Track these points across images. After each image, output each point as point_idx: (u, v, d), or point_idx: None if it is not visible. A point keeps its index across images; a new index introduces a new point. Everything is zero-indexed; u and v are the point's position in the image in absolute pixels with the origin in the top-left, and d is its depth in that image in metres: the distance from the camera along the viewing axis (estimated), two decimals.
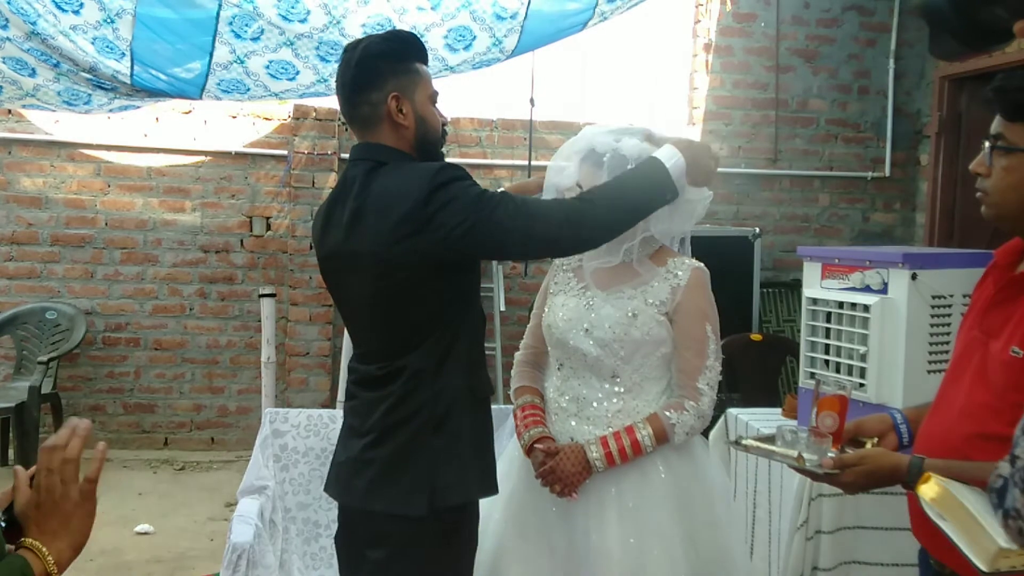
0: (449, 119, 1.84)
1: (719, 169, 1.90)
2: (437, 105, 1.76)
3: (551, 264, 2.09)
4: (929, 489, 1.19)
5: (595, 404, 1.91)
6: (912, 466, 1.40)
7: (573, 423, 1.92)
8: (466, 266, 1.70)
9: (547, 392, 2.02)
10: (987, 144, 1.44)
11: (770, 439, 1.65)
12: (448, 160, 1.80)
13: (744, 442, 1.67)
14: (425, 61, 1.76)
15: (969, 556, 1.08)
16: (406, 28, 3.07)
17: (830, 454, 1.53)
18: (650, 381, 1.92)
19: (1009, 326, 1.41)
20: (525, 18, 3.10)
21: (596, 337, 1.89)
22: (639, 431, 1.86)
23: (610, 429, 1.88)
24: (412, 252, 1.60)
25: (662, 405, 1.89)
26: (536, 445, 1.90)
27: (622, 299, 1.90)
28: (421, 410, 1.66)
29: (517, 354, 2.10)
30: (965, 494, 1.13)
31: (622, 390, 1.90)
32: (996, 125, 1.43)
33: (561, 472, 1.84)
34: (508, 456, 2.02)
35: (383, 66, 1.68)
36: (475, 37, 3.14)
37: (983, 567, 1.05)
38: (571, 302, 1.96)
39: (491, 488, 1.75)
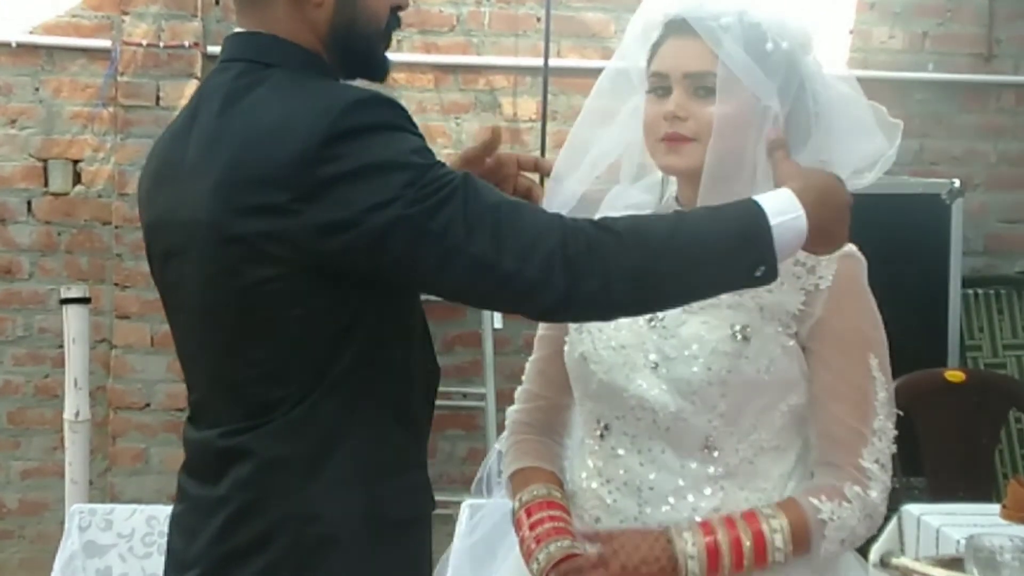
0: (408, 2, 1.83)
1: (884, 72, 1.93)
2: None
3: None
4: None
5: (672, 499, 1.92)
6: None
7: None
8: (378, 284, 1.71)
9: (575, 477, 2.04)
10: None
11: (954, 562, 1.68)
12: (410, 56, 1.84)
13: (897, 562, 1.72)
14: None
15: None
16: None
17: None
18: (769, 456, 1.94)
19: None
20: None
21: (674, 378, 1.90)
22: (766, 521, 1.86)
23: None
24: (276, 240, 1.61)
25: (805, 489, 1.91)
26: (564, 566, 1.91)
27: (719, 309, 1.91)
28: (275, 536, 1.68)
29: (511, 411, 2.13)
30: None
31: (721, 472, 1.92)
32: None
33: (626, 569, 1.84)
34: None
35: None
36: None
37: None
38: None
39: None
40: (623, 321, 1.94)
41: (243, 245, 1.64)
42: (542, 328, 2.12)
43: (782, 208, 1.69)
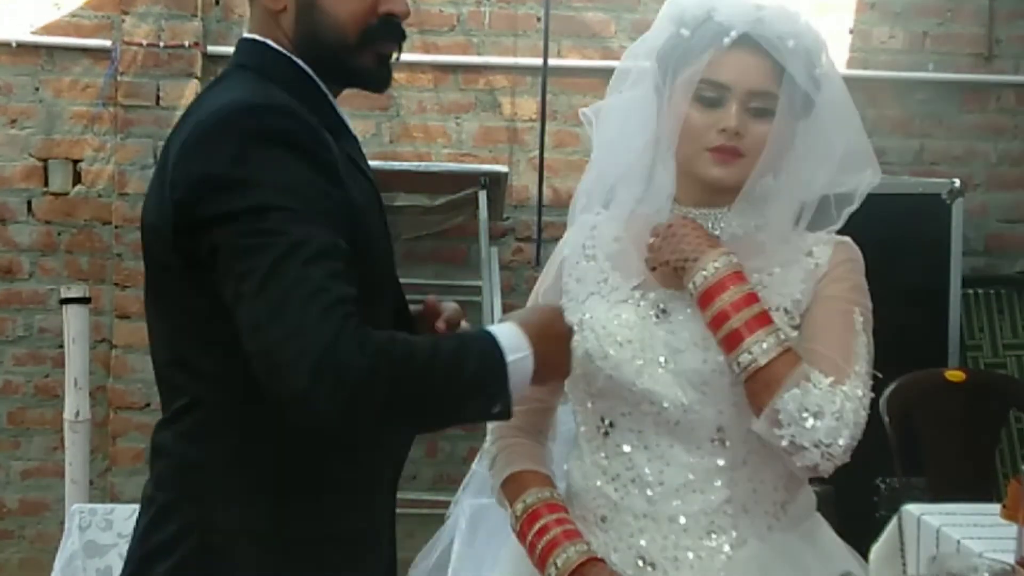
0: (405, 8, 1.79)
1: (884, 72, 1.94)
2: None
3: (561, 244, 2.13)
4: None
5: (681, 493, 1.93)
6: None
7: (644, 539, 1.94)
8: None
9: (574, 482, 2.04)
10: None
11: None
12: (410, 56, 1.81)
13: None
14: None
15: None
16: None
17: None
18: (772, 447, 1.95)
19: None
20: None
21: (684, 370, 1.92)
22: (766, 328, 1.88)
23: (713, 536, 1.92)
24: (178, 233, 1.63)
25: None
26: (584, 570, 1.91)
27: None
28: (181, 541, 1.68)
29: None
30: None
31: (728, 464, 1.94)
32: None
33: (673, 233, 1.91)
34: None
35: None
36: None
37: None
38: (622, 313, 1.98)
39: None
40: (630, 318, 1.97)
41: (157, 234, 1.66)
42: None
43: (515, 346, 1.67)
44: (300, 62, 1.74)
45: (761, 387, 1.84)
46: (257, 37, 1.75)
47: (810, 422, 1.83)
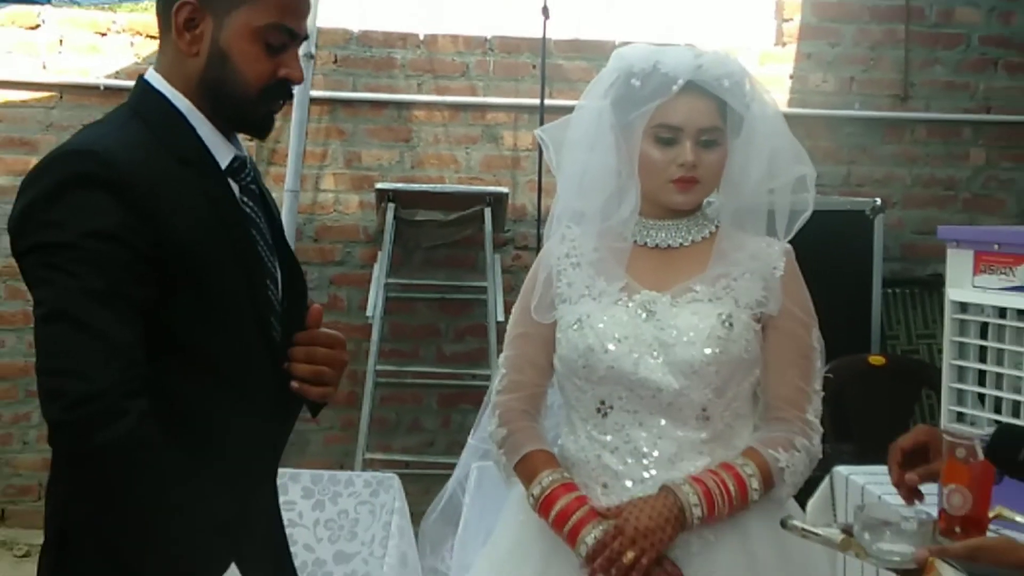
0: (300, 75, 1.71)
1: (818, 111, 1.94)
2: (280, 53, 1.66)
3: (542, 256, 2.09)
4: None
5: (672, 462, 1.94)
6: None
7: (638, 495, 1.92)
8: None
9: (569, 451, 2.02)
10: None
11: (847, 528, 1.67)
12: (423, 98, 1.76)
13: (791, 523, 1.74)
14: None
15: None
16: None
17: (940, 543, 1.56)
18: (742, 420, 1.98)
19: None
20: None
21: (676, 360, 1.92)
22: (742, 469, 1.90)
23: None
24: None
25: (758, 440, 1.95)
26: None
27: (700, 303, 1.95)
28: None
29: (500, 398, 2.07)
30: None
31: (709, 437, 1.95)
32: None
33: (635, 528, 1.84)
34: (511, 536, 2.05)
35: None
36: None
37: None
38: (616, 313, 1.97)
39: None
40: (622, 318, 1.96)
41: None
42: (521, 327, 2.08)
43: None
44: (185, 106, 1.66)
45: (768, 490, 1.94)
46: (154, 82, 1.68)
47: (787, 474, 1.93)
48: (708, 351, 1.91)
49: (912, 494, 1.78)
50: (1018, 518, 1.71)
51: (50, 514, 1.67)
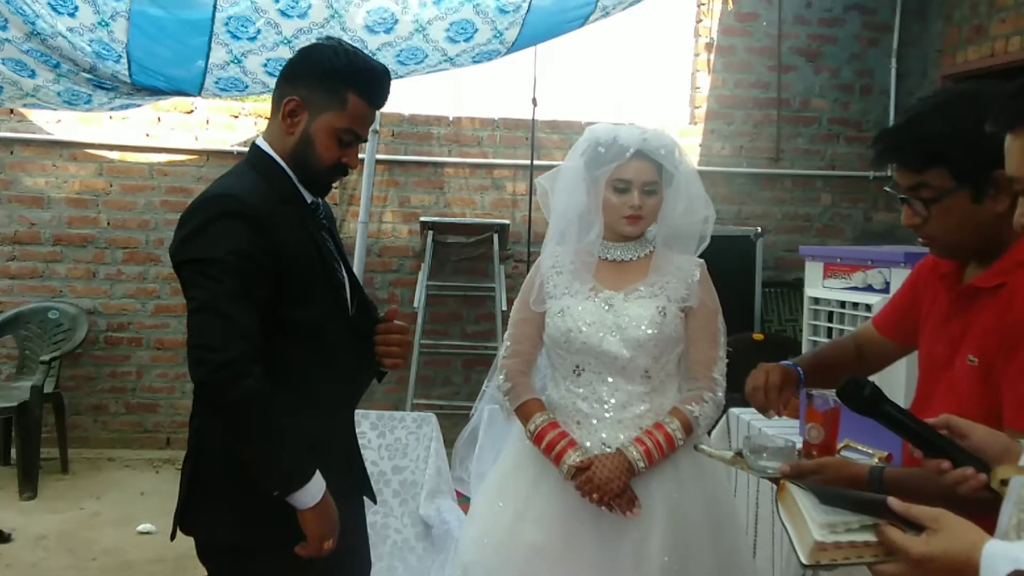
0: (356, 163, 1.72)
1: (719, 168, 1.94)
2: (347, 148, 1.65)
3: (537, 265, 2.08)
4: (781, 494, 1.26)
5: (625, 407, 1.92)
6: (872, 476, 1.39)
7: (604, 433, 1.92)
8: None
9: (553, 398, 2.01)
10: (906, 197, 1.44)
11: (738, 453, 1.66)
12: (451, 160, 1.76)
13: (700, 447, 1.72)
14: (366, 97, 1.65)
15: (795, 549, 1.16)
16: (408, 21, 3.05)
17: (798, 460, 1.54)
18: (671, 378, 1.97)
19: (968, 336, 1.42)
20: (527, 11, 3.08)
21: (630, 338, 1.91)
22: (668, 425, 1.90)
23: (641, 431, 1.91)
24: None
25: (680, 400, 1.94)
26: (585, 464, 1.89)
27: (644, 299, 1.94)
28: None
29: (505, 361, 2.04)
30: (800, 493, 1.20)
31: (649, 389, 1.93)
32: (907, 178, 1.42)
33: (598, 480, 1.84)
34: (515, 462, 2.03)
35: (309, 70, 1.64)
36: (476, 30, 3.11)
37: (803, 559, 1.14)
38: (587, 306, 1.96)
39: None
40: (590, 308, 1.95)
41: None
42: (521, 314, 2.05)
43: (317, 491, 1.58)
44: (284, 165, 1.66)
45: (688, 435, 1.91)
46: (263, 146, 1.68)
47: (701, 420, 1.92)
48: (649, 331, 1.91)
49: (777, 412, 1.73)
50: (860, 447, 1.70)
51: (191, 436, 1.69)
